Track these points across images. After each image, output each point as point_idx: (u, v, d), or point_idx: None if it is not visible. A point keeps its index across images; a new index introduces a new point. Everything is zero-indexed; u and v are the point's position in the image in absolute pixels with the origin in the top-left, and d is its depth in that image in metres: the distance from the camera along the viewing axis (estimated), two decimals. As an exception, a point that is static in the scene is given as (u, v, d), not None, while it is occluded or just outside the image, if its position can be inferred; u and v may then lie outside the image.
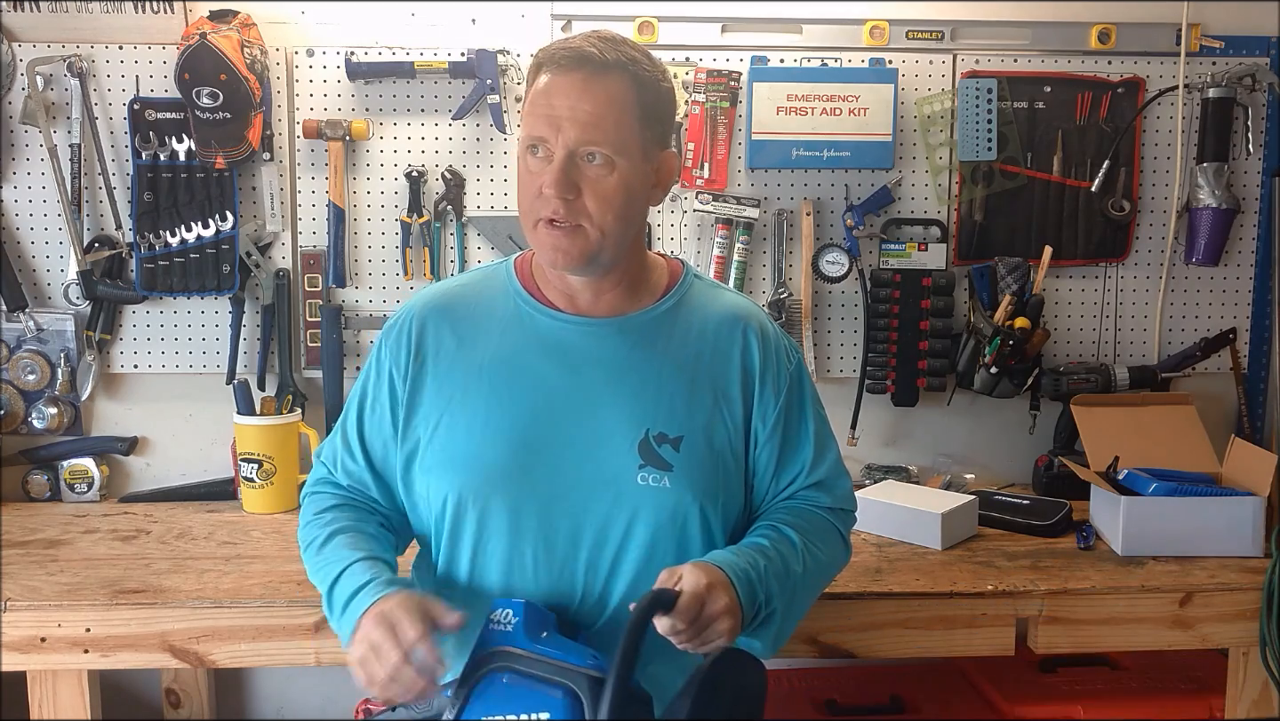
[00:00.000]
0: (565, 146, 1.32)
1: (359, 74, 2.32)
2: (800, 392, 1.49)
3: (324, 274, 2.39)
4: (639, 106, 1.34)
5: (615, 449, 1.38)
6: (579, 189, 1.33)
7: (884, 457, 2.50)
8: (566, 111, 1.31)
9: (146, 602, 1.78)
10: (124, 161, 2.34)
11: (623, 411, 1.39)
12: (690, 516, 1.39)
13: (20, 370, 2.37)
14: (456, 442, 1.41)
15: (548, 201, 1.33)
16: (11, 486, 2.39)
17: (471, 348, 1.44)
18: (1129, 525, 1.98)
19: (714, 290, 1.53)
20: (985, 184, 2.42)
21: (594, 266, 1.39)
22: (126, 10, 2.31)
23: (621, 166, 1.34)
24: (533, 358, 1.42)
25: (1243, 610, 1.88)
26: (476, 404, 1.41)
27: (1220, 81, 2.39)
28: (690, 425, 1.40)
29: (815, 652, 1.83)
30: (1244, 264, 2.50)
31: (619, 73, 1.32)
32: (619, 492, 1.37)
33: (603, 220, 1.34)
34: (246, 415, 2.28)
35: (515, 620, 1.24)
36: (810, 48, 2.38)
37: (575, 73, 1.31)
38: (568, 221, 1.34)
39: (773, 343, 1.48)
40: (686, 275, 1.51)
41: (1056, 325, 2.49)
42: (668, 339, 1.43)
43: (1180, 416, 2.26)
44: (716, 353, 1.44)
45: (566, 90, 1.31)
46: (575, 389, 1.40)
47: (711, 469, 1.41)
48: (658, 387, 1.40)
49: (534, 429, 1.39)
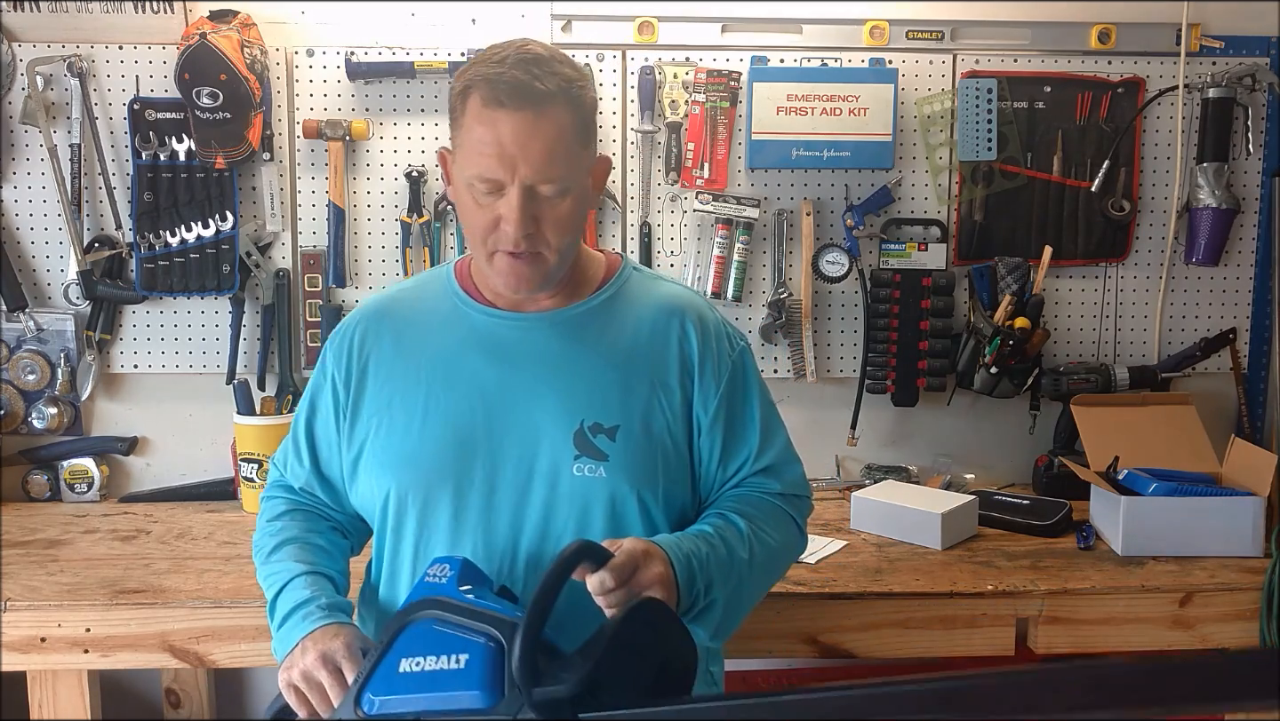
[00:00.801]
0: (521, 183, 1.32)
1: (359, 74, 2.32)
2: (744, 379, 1.50)
3: (324, 274, 2.39)
4: (578, 129, 1.35)
5: (551, 441, 1.39)
6: (537, 220, 1.34)
7: (884, 457, 2.50)
8: (518, 150, 1.31)
9: (146, 602, 1.78)
10: (124, 161, 2.34)
11: (557, 404, 1.40)
12: (628, 504, 1.40)
13: (20, 370, 2.37)
14: (395, 441, 1.43)
15: (506, 236, 1.34)
16: (11, 486, 2.39)
17: (411, 349, 1.47)
18: (1129, 525, 1.98)
19: (653, 281, 1.54)
20: (985, 184, 2.42)
21: (552, 282, 1.42)
22: (126, 10, 2.31)
23: (574, 191, 1.36)
24: (469, 355, 1.44)
25: (1243, 610, 1.88)
26: (415, 403, 1.43)
27: (1220, 81, 2.39)
28: (626, 415, 1.40)
29: (815, 652, 1.83)
30: (1244, 264, 2.50)
31: (561, 100, 1.32)
32: (555, 484, 1.38)
33: (560, 244, 1.37)
34: (246, 415, 2.28)
35: (450, 574, 1.25)
36: (810, 48, 2.39)
37: (523, 110, 1.30)
38: (529, 251, 1.35)
39: (712, 330, 1.48)
40: (624, 269, 1.52)
41: (1056, 325, 2.49)
42: (602, 331, 1.45)
43: (1180, 416, 2.26)
44: (653, 343, 1.45)
45: (516, 129, 1.30)
46: (511, 384, 1.41)
47: (649, 457, 1.41)
48: (592, 379, 1.41)
49: (471, 424, 1.41)
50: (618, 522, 1.40)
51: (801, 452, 1.55)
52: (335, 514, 1.56)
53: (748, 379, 1.50)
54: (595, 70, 2.36)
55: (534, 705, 1.07)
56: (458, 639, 1.17)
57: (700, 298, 1.55)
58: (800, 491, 1.54)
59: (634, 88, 2.37)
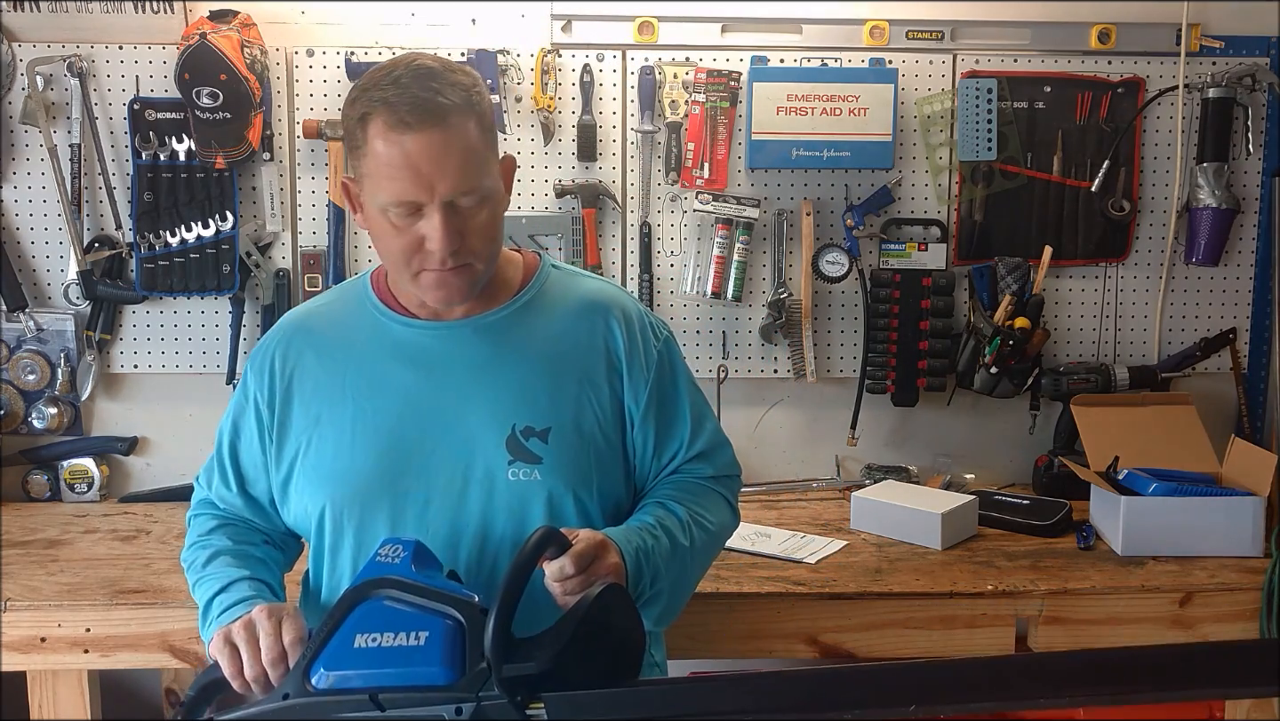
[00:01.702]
0: (441, 200, 1.30)
1: (359, 74, 2.32)
2: (671, 369, 1.50)
3: (324, 274, 2.39)
4: (483, 135, 1.34)
5: (483, 448, 1.38)
6: (461, 233, 1.33)
7: (884, 457, 2.50)
8: (434, 169, 1.29)
9: (146, 602, 1.78)
10: (124, 161, 2.34)
11: (487, 410, 1.39)
12: (564, 505, 1.40)
13: (20, 370, 2.37)
14: (325, 459, 1.42)
15: (433, 256, 1.32)
16: (11, 486, 2.39)
17: (334, 364, 1.44)
18: (1129, 525, 1.98)
19: (573, 279, 1.53)
20: (985, 184, 2.42)
21: (478, 289, 1.41)
22: (126, 10, 2.31)
23: (491, 197, 1.36)
24: (393, 367, 1.42)
25: (1243, 610, 1.88)
26: (343, 419, 1.41)
27: (1220, 81, 2.39)
28: (557, 415, 1.40)
29: (815, 652, 1.83)
30: (1244, 264, 2.50)
31: (464, 111, 1.31)
32: (491, 490, 1.38)
33: (486, 252, 1.37)
34: (246, 415, 2.28)
35: (404, 554, 1.23)
36: (810, 48, 2.38)
37: (431, 128, 1.28)
38: (456, 263, 1.34)
39: (636, 324, 1.48)
40: (543, 269, 1.51)
41: (1056, 325, 2.49)
42: (527, 333, 1.44)
43: (1180, 416, 2.26)
44: (578, 341, 1.45)
45: (427, 148, 1.28)
46: (438, 393, 1.40)
47: (582, 456, 1.41)
48: (520, 382, 1.40)
49: (401, 437, 1.39)
50: (556, 523, 1.35)
51: (801, 453, 1.57)
52: (265, 530, 1.53)
53: (675, 368, 1.51)
54: (595, 70, 2.36)
55: (501, 681, 1.09)
56: (416, 616, 1.17)
57: (621, 291, 1.56)
58: (731, 471, 1.57)
59: (634, 88, 2.37)
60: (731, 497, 1.57)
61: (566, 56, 2.36)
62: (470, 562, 1.39)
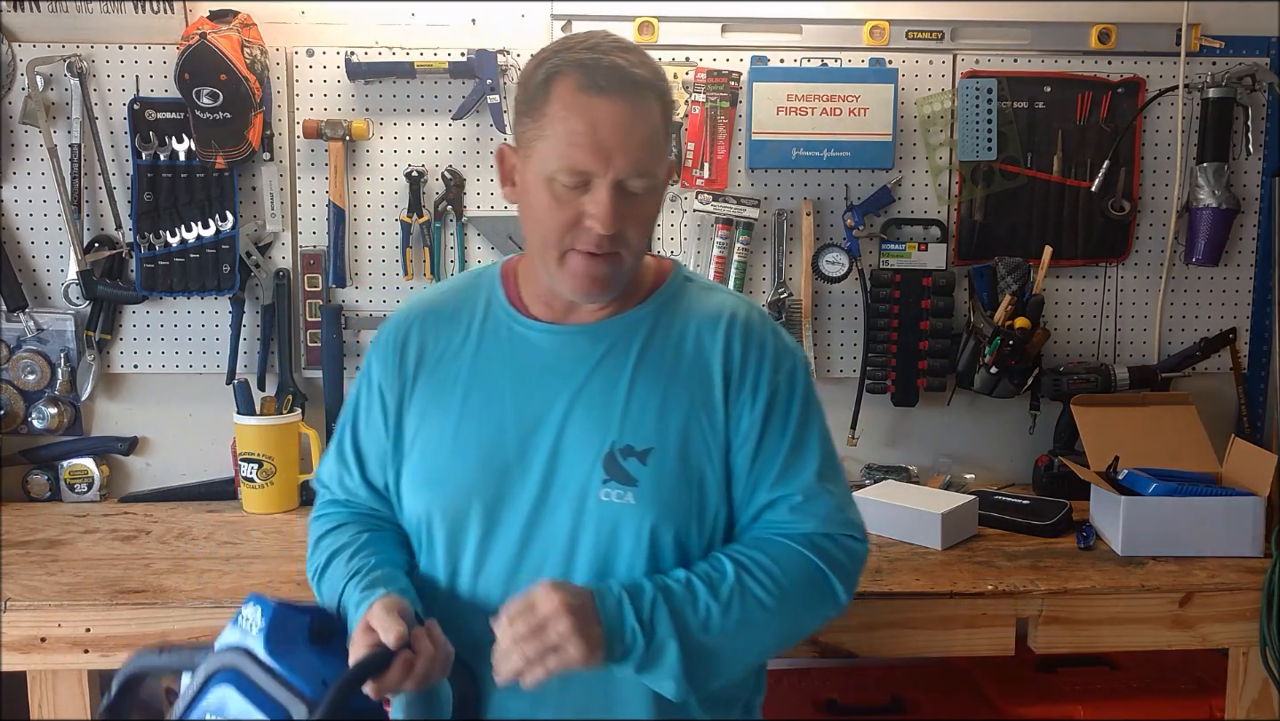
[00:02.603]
0: (615, 177, 1.22)
1: (359, 74, 2.32)
2: (788, 400, 1.35)
3: (324, 274, 2.39)
4: (665, 124, 1.28)
5: (579, 463, 1.30)
6: (623, 218, 1.25)
7: (884, 457, 2.50)
8: (617, 142, 1.21)
9: (146, 602, 1.78)
10: (124, 161, 2.34)
11: (589, 423, 1.31)
12: (661, 535, 1.29)
13: (20, 370, 2.37)
14: (428, 459, 1.37)
15: (588, 234, 1.24)
16: (11, 486, 2.39)
17: (451, 358, 1.39)
18: (1129, 525, 1.98)
19: (705, 292, 1.41)
20: (985, 184, 2.42)
21: (618, 289, 1.33)
22: (126, 10, 2.31)
23: (658, 189, 1.29)
24: (505, 368, 1.36)
25: (1243, 610, 1.88)
26: (449, 418, 1.36)
27: (1220, 81, 2.39)
28: (662, 437, 1.30)
29: (815, 652, 1.83)
30: (1244, 264, 2.50)
31: (655, 94, 1.25)
32: (582, 509, 1.30)
33: (638, 245, 1.29)
34: (246, 415, 2.28)
35: (262, 624, 1.19)
36: (810, 48, 2.38)
37: (623, 97, 1.21)
38: (607, 250, 1.26)
39: (757, 341, 1.35)
40: (674, 277, 1.41)
41: (1056, 325, 2.49)
42: (642, 345, 1.34)
43: (1180, 416, 2.26)
44: (697, 358, 1.34)
45: (614, 117, 1.21)
46: (544, 400, 1.33)
47: (683, 485, 1.30)
48: (627, 396, 1.31)
49: (502, 442, 1.33)
50: (646, 556, 1.29)
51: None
52: (390, 519, 1.46)
53: (794, 401, 1.35)
54: (595, 70, 2.36)
55: None
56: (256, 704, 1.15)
57: (753, 308, 1.41)
58: (833, 530, 1.33)
59: (634, 88, 2.37)
60: (825, 562, 1.31)
61: (566, 56, 2.36)
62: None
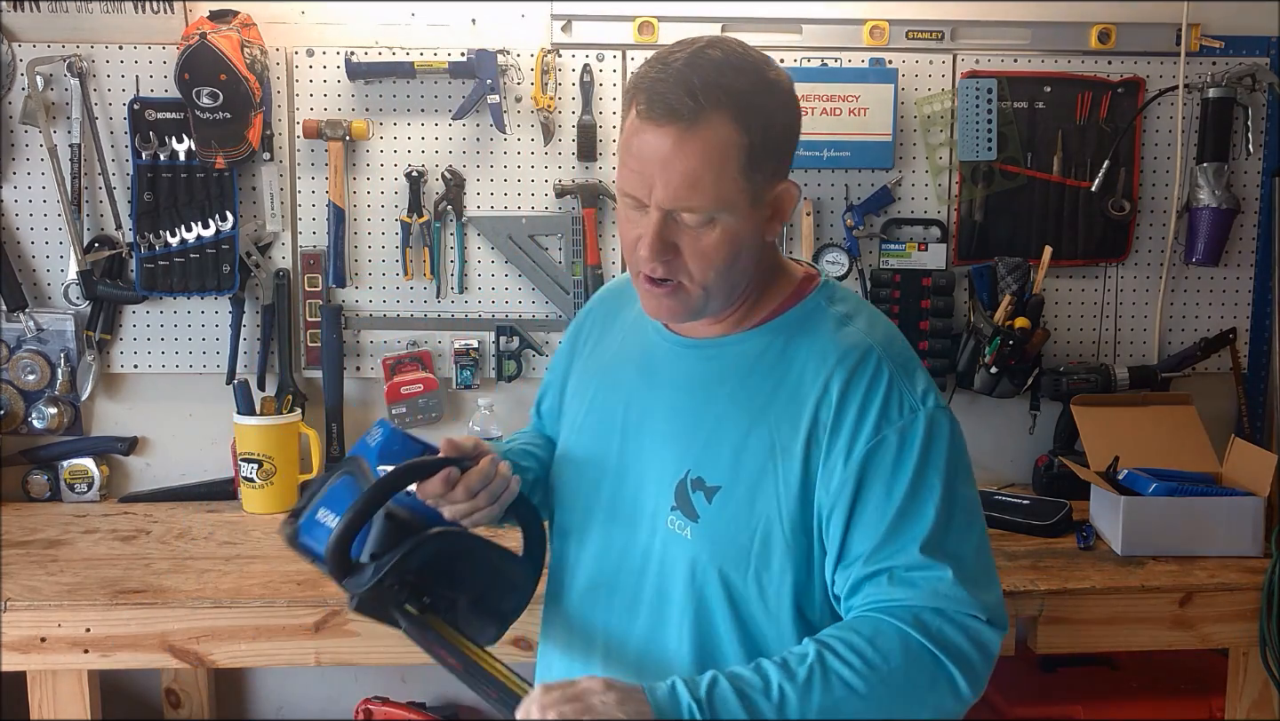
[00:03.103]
0: (658, 207, 1.17)
1: (359, 74, 2.32)
2: (895, 460, 1.17)
3: (324, 274, 2.39)
4: (743, 152, 1.15)
5: (659, 483, 1.26)
6: (676, 248, 1.19)
7: (884, 457, 2.50)
8: (658, 170, 1.15)
9: (146, 602, 1.78)
10: (124, 161, 2.34)
11: (675, 445, 1.26)
12: (708, 580, 1.22)
13: (20, 370, 2.37)
14: (560, 445, 1.43)
15: (641, 259, 1.20)
16: (11, 486, 2.39)
17: (602, 350, 1.41)
18: (1129, 525, 1.98)
19: (838, 322, 1.26)
20: (985, 184, 2.42)
21: (701, 316, 1.26)
22: (126, 10, 2.31)
23: (724, 221, 1.18)
24: (631, 372, 1.34)
25: (1243, 610, 1.88)
26: (580, 408, 1.39)
27: (1220, 81, 2.39)
28: (733, 476, 1.21)
29: (815, 652, 1.83)
30: (1244, 264, 2.50)
31: (718, 116, 1.14)
32: (652, 531, 1.26)
33: (704, 278, 1.20)
34: (246, 415, 2.28)
35: (377, 440, 1.31)
36: (810, 48, 2.38)
37: (666, 126, 1.14)
38: (668, 279, 1.21)
39: (865, 388, 1.19)
40: (811, 299, 1.29)
41: (1056, 325, 2.49)
42: (747, 371, 1.25)
43: (1180, 416, 2.26)
44: (794, 397, 1.21)
45: (656, 147, 1.15)
46: (648, 411, 1.29)
47: (745, 532, 1.20)
48: (712, 425, 1.24)
49: (607, 445, 1.32)
50: (696, 596, 1.22)
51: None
52: None
53: (901, 462, 1.17)
54: (595, 70, 2.36)
55: (344, 587, 1.23)
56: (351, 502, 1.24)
57: (885, 344, 1.24)
58: (946, 606, 1.13)
59: (634, 88, 2.37)
60: (932, 644, 1.12)
61: (566, 56, 2.36)
62: (623, 594, 1.29)
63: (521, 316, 2.43)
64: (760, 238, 1.23)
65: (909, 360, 1.24)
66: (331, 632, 1.77)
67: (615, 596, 1.30)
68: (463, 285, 2.42)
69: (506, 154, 2.39)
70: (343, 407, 2.41)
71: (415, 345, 2.43)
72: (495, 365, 2.42)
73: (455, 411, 2.45)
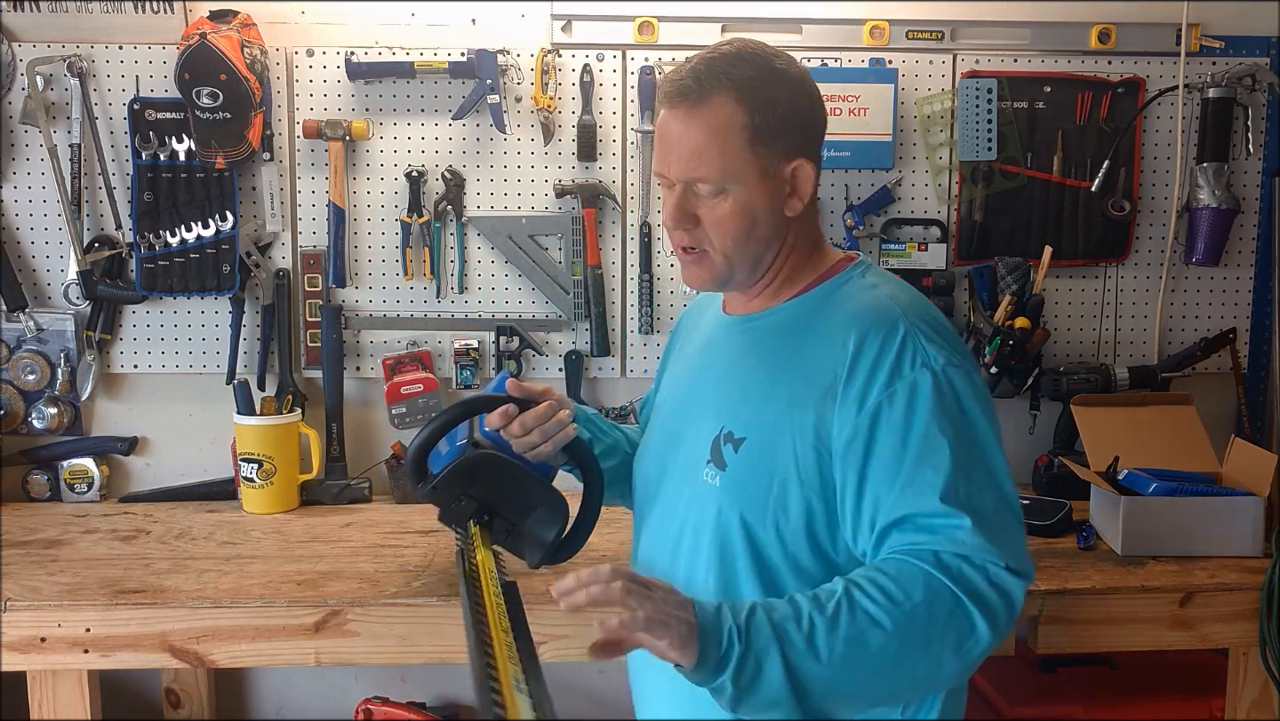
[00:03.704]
0: (677, 179, 1.33)
1: (359, 74, 2.32)
2: (905, 411, 1.21)
3: (324, 274, 2.39)
4: (747, 128, 1.29)
5: (700, 442, 1.36)
6: (696, 217, 1.33)
7: (884, 457, 2.50)
8: (673, 146, 1.32)
9: (146, 602, 1.78)
10: (124, 161, 2.34)
11: (714, 407, 1.37)
12: (731, 524, 1.30)
13: (20, 370, 2.37)
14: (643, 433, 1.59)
15: (669, 227, 1.36)
16: (11, 486, 2.39)
17: (689, 344, 1.56)
18: (1129, 525, 1.98)
19: (870, 289, 1.34)
20: (985, 184, 2.42)
21: (730, 286, 1.40)
22: (126, 10, 2.31)
23: (736, 192, 1.31)
24: (696, 356, 1.50)
25: (1243, 610, 1.88)
26: (660, 398, 1.58)
27: (1220, 81, 2.39)
28: (757, 428, 1.30)
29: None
30: (1244, 264, 2.50)
31: (721, 96, 1.29)
32: (694, 484, 1.36)
33: (724, 246, 1.33)
34: (246, 415, 2.28)
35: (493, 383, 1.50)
36: (810, 48, 2.38)
37: (677, 106, 1.31)
38: (694, 248, 1.36)
39: (879, 343, 1.24)
40: (846, 272, 1.37)
41: (1056, 325, 2.49)
42: (777, 340, 1.35)
43: (1180, 416, 2.26)
44: (816, 353, 1.29)
45: (670, 125, 1.32)
46: (702, 385, 1.43)
47: (765, 480, 1.27)
48: (744, 385, 1.35)
49: (671, 422, 1.48)
50: (722, 541, 1.30)
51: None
52: None
53: (912, 413, 1.21)
54: (595, 70, 2.36)
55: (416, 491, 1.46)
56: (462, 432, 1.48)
57: (905, 308, 1.29)
58: (970, 553, 1.17)
59: (634, 88, 2.37)
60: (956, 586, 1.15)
61: (566, 56, 2.36)
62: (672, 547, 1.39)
63: (521, 316, 2.43)
64: (778, 212, 1.34)
65: (933, 325, 1.29)
66: (331, 632, 1.77)
67: (664, 548, 1.41)
68: (463, 285, 2.42)
69: (506, 154, 2.39)
70: (343, 407, 2.41)
71: (415, 345, 2.43)
72: (495, 365, 2.42)
73: (455, 411, 2.45)
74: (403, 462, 1.51)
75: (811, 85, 1.38)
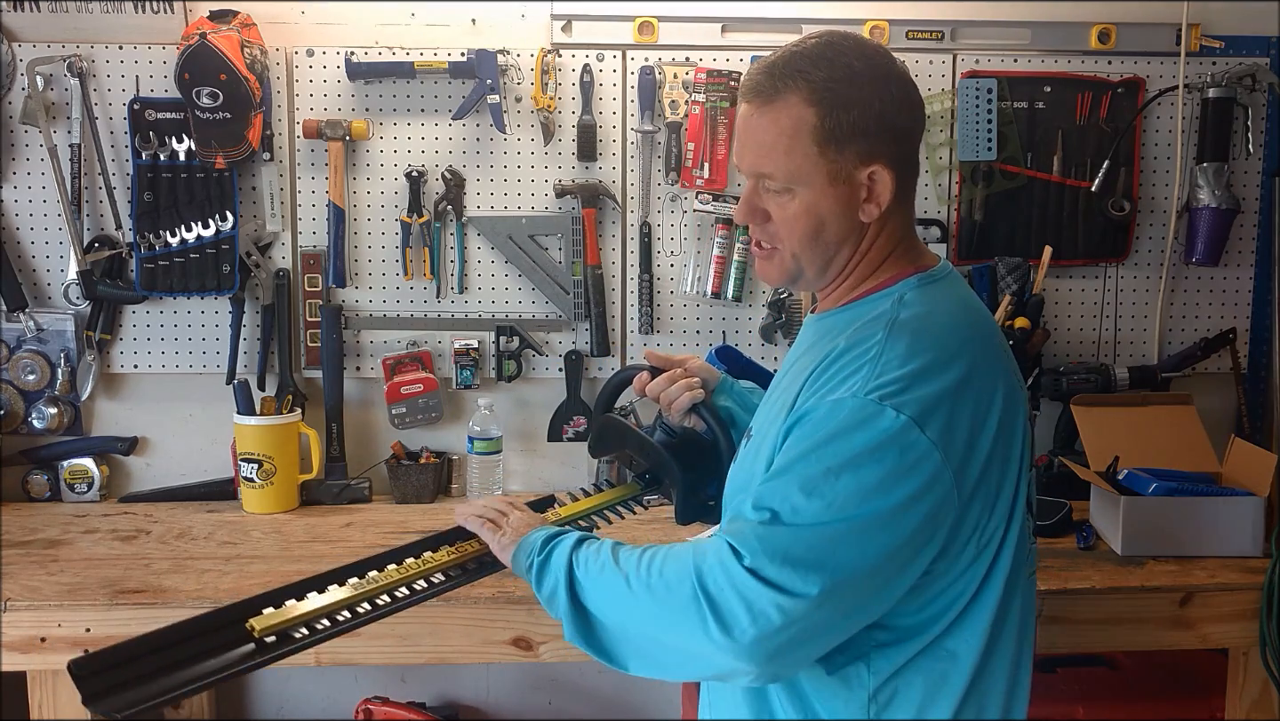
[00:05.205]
0: (747, 172, 1.33)
1: (359, 74, 2.32)
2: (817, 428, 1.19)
3: (324, 274, 2.39)
4: (817, 131, 1.25)
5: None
6: (766, 213, 1.32)
7: (884, 457, 2.50)
8: (745, 141, 1.32)
9: (146, 602, 1.78)
10: (124, 161, 2.34)
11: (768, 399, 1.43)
12: (726, 509, 1.39)
13: (20, 370, 2.37)
14: None
15: (739, 220, 1.37)
16: (11, 486, 2.39)
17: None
18: (1129, 525, 1.98)
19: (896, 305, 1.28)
20: (985, 184, 2.42)
21: (800, 284, 1.39)
22: (126, 10, 2.31)
23: (802, 194, 1.27)
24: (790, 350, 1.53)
25: (1243, 610, 1.88)
26: None
27: (1220, 81, 2.39)
28: (763, 425, 1.35)
29: (815, 652, 1.83)
30: (1244, 264, 2.50)
31: (793, 96, 1.26)
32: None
33: (791, 244, 1.31)
34: (246, 415, 2.28)
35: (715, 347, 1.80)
36: (810, 48, 2.38)
37: (751, 102, 1.30)
38: (764, 244, 1.35)
39: (834, 358, 1.24)
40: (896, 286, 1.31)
41: (1056, 325, 2.49)
42: (821, 340, 1.32)
43: (1180, 416, 2.26)
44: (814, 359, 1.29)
45: (743, 120, 1.32)
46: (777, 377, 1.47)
47: (748, 472, 1.33)
48: (786, 382, 1.36)
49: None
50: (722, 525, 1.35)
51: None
52: None
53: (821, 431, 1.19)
54: (595, 70, 2.36)
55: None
56: None
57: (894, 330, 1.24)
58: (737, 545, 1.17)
59: (634, 88, 2.37)
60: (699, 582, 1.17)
61: (566, 56, 2.36)
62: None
63: (521, 316, 2.43)
64: (850, 217, 1.29)
65: (910, 361, 1.20)
66: (331, 632, 1.77)
67: None
68: (463, 285, 2.42)
69: (506, 154, 2.39)
70: (342, 407, 2.41)
71: (415, 345, 2.43)
72: (495, 365, 2.42)
73: (455, 411, 2.45)
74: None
75: (900, 88, 1.28)
